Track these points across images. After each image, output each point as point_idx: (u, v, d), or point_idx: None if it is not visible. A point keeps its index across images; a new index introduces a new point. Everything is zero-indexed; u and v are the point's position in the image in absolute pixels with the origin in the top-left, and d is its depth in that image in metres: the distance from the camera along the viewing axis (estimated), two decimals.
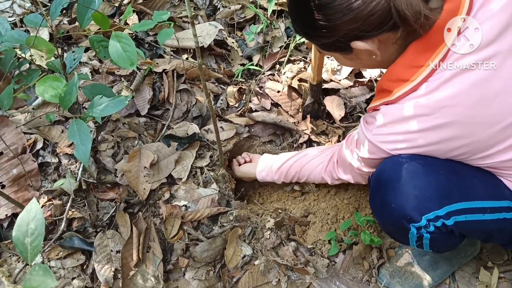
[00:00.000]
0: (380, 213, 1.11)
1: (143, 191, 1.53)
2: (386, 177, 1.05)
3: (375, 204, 1.12)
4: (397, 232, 1.12)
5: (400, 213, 1.00)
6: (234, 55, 2.06)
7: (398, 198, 1.01)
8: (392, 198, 1.02)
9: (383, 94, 1.04)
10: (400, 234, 1.11)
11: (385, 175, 1.05)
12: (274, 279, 1.38)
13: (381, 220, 1.15)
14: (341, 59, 1.10)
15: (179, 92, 1.84)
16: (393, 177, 1.02)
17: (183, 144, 1.67)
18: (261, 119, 1.79)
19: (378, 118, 1.02)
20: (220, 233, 1.49)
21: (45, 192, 1.52)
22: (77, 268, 1.40)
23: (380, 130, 1.02)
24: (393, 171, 1.02)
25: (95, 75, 1.85)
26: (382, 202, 1.06)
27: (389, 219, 1.06)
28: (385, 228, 1.18)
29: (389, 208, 1.03)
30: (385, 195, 1.04)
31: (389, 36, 0.94)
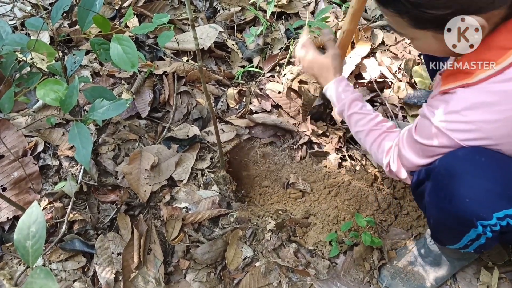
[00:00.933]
0: (443, 208, 1.00)
1: (144, 193, 1.54)
2: (460, 169, 0.94)
3: (437, 197, 1.01)
4: (453, 229, 1.03)
5: (472, 209, 0.92)
6: (234, 57, 2.06)
7: (472, 192, 0.92)
8: (466, 191, 0.92)
9: (460, 76, 0.94)
10: (454, 232, 1.04)
11: (458, 166, 0.94)
12: (275, 281, 1.38)
13: (440, 215, 1.03)
14: (425, 40, 0.97)
15: (180, 94, 1.84)
16: (468, 169, 0.92)
17: (183, 146, 1.68)
18: (261, 121, 1.79)
19: (452, 103, 0.93)
20: (221, 235, 1.49)
21: (46, 195, 1.52)
22: (78, 270, 1.40)
23: (452, 116, 0.93)
24: (468, 163, 0.93)
25: (96, 78, 1.85)
26: (451, 196, 0.95)
27: (454, 214, 0.97)
28: (439, 224, 1.09)
29: (459, 203, 0.93)
30: (457, 188, 0.94)
31: (494, 14, 0.85)
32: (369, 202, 1.50)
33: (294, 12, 2.20)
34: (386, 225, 1.50)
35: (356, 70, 1.98)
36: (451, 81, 0.96)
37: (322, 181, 1.63)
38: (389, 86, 1.96)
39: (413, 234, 1.48)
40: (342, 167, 1.68)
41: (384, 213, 1.50)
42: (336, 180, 1.60)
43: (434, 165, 1.01)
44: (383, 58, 2.03)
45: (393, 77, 1.98)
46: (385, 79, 1.98)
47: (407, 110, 1.87)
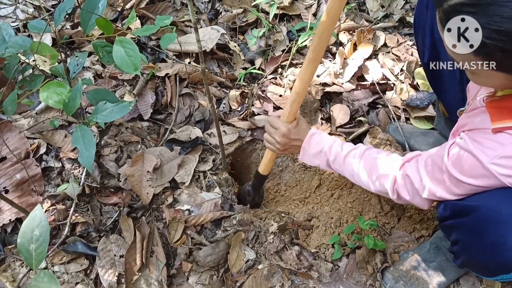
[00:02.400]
0: (484, 252, 0.97)
1: (146, 195, 1.53)
2: (507, 215, 0.90)
3: (478, 240, 0.98)
4: (490, 269, 1.02)
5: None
6: (236, 59, 2.06)
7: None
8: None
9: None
10: (489, 270, 1.02)
11: (505, 212, 0.91)
12: (277, 284, 1.38)
13: (479, 256, 1.01)
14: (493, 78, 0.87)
15: (182, 96, 1.84)
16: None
17: (186, 148, 1.67)
18: (263, 124, 1.79)
19: (510, 148, 0.86)
20: (224, 237, 1.49)
21: (49, 197, 1.52)
22: (81, 272, 1.40)
23: (508, 161, 0.87)
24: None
25: (98, 80, 1.86)
26: (496, 243, 0.92)
27: (496, 259, 0.94)
28: (474, 261, 1.07)
29: (504, 249, 0.91)
30: (504, 236, 0.91)
31: None
32: (372, 205, 1.50)
33: (296, 14, 2.20)
34: (389, 228, 1.49)
35: (359, 72, 1.98)
36: (505, 117, 0.89)
37: (325, 184, 1.62)
38: (391, 88, 1.96)
39: (416, 236, 1.47)
40: None
41: (387, 215, 1.50)
42: (338, 183, 1.59)
43: (475, 205, 0.96)
44: (386, 60, 2.03)
45: (395, 79, 1.97)
46: (388, 81, 1.97)
47: (410, 112, 1.86)
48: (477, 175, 0.92)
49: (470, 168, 0.93)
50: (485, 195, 0.95)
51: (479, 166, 0.90)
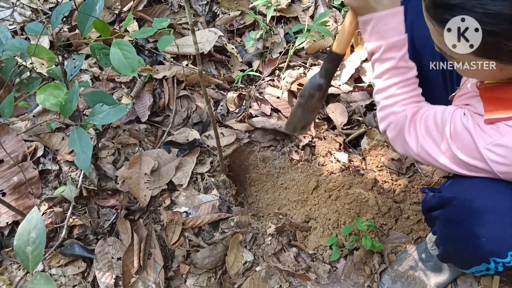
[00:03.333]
0: (457, 242, 1.00)
1: (143, 197, 1.53)
2: (480, 206, 0.93)
3: (452, 230, 1.00)
4: (464, 260, 1.04)
5: (488, 247, 0.92)
6: (233, 61, 2.07)
7: (491, 231, 0.91)
8: (484, 231, 0.92)
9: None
10: (464, 261, 1.04)
11: (479, 203, 0.93)
12: (275, 285, 1.38)
13: (453, 246, 1.03)
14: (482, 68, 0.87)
15: (179, 98, 1.84)
16: (492, 208, 0.92)
17: (183, 150, 1.67)
18: (261, 125, 1.79)
19: (508, 139, 0.87)
20: (221, 239, 1.49)
21: (46, 200, 1.52)
22: (78, 275, 1.39)
23: (503, 150, 0.88)
24: (492, 202, 0.92)
25: (96, 82, 1.86)
26: (469, 232, 0.94)
27: (469, 250, 0.97)
28: (450, 253, 1.09)
29: (476, 240, 0.93)
30: (476, 226, 0.93)
31: None
32: (370, 206, 1.50)
33: (294, 16, 2.21)
34: (387, 229, 1.49)
35: (356, 74, 1.99)
36: (500, 107, 0.90)
37: (322, 185, 1.62)
38: None
39: (414, 238, 1.47)
40: (342, 171, 1.67)
41: (384, 216, 1.50)
42: (336, 184, 1.60)
43: (452, 196, 0.98)
44: None
45: None
46: None
47: None
48: (471, 154, 0.94)
49: (465, 145, 0.94)
50: (463, 187, 0.98)
51: (474, 148, 0.92)
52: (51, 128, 1.64)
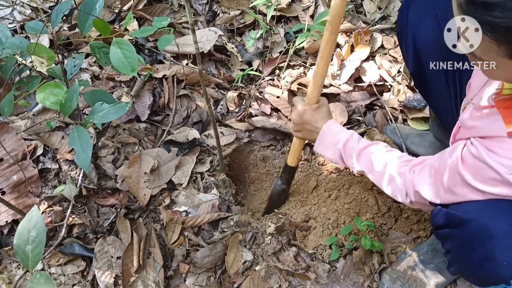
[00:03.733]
0: (474, 265, 0.97)
1: (143, 196, 1.53)
2: (498, 230, 0.90)
3: (467, 253, 0.97)
4: (482, 280, 1.00)
5: (508, 271, 0.90)
6: (233, 61, 2.06)
7: (510, 254, 0.89)
8: (503, 255, 0.89)
9: None
10: (485, 281, 1.00)
11: (497, 226, 0.90)
12: (275, 285, 1.38)
13: (469, 269, 1.00)
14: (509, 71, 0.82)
15: (179, 97, 1.84)
16: (508, 230, 0.89)
17: (183, 149, 1.67)
18: (261, 125, 1.79)
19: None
20: (221, 238, 1.49)
21: (46, 198, 1.52)
22: (78, 274, 1.39)
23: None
24: (508, 223, 0.89)
25: (95, 81, 1.85)
26: (485, 257, 0.92)
27: (487, 272, 0.94)
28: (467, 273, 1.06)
29: (494, 264, 0.90)
30: (494, 251, 0.90)
31: None
32: (369, 206, 1.50)
33: (294, 15, 2.21)
34: (386, 229, 1.49)
35: (356, 73, 1.99)
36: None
37: (322, 185, 1.62)
38: (388, 89, 1.96)
39: (413, 237, 1.47)
40: (342, 170, 1.67)
41: (384, 216, 1.50)
42: (336, 184, 1.59)
43: (467, 218, 0.94)
44: (383, 62, 2.04)
45: (392, 80, 1.98)
46: (385, 82, 1.98)
47: (407, 113, 1.87)
48: (494, 183, 0.88)
49: (485, 176, 0.89)
50: (478, 208, 0.93)
51: (498, 178, 0.86)
52: (50, 127, 1.64)
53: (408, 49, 1.30)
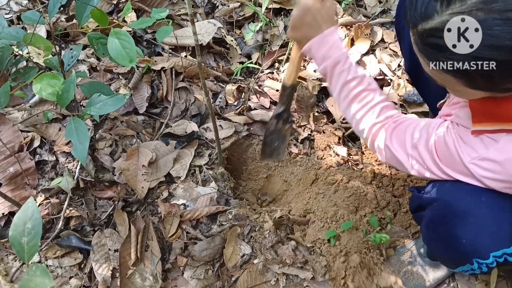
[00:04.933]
0: (440, 242, 1.02)
1: (141, 189, 1.52)
2: (462, 208, 0.94)
3: (434, 231, 1.01)
4: (449, 260, 1.06)
5: (469, 249, 0.93)
6: (233, 53, 2.05)
7: (471, 233, 0.92)
8: (464, 233, 0.93)
9: (499, 117, 0.85)
10: (449, 261, 1.05)
11: (461, 205, 0.94)
12: (272, 279, 1.38)
13: (436, 247, 1.05)
14: (471, 93, 0.86)
15: (178, 90, 1.83)
16: (471, 211, 0.93)
17: (181, 142, 1.66)
18: (260, 118, 1.78)
19: (493, 151, 0.86)
20: (219, 232, 1.48)
21: (43, 191, 1.51)
22: (75, 267, 1.39)
23: (491, 165, 0.87)
24: (471, 204, 0.93)
25: (93, 73, 1.84)
26: (450, 234, 0.96)
27: (451, 251, 0.98)
28: (435, 253, 1.11)
29: (456, 242, 0.94)
30: (456, 228, 0.94)
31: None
32: (368, 200, 1.49)
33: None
34: (385, 223, 1.49)
35: None
36: (487, 119, 0.87)
37: (321, 179, 1.62)
38: (388, 83, 1.95)
39: (412, 232, 1.47)
40: (341, 164, 1.67)
41: (383, 211, 1.50)
42: (335, 178, 1.59)
43: (435, 197, 0.99)
44: (383, 56, 2.02)
45: (392, 74, 1.97)
46: (385, 76, 1.97)
47: (407, 107, 1.86)
48: (458, 171, 0.93)
49: (453, 163, 0.93)
50: (444, 189, 0.98)
51: (460, 164, 0.91)
52: (47, 118, 1.62)
53: (405, 46, 1.29)
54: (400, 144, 1.04)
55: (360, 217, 1.47)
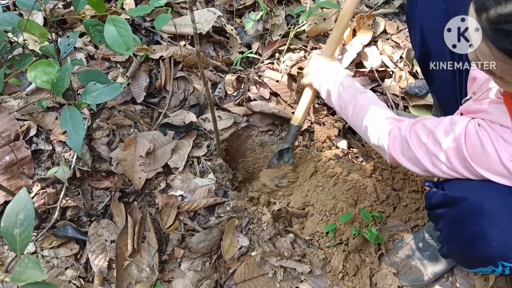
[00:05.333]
0: (465, 243, 0.96)
1: (138, 180, 1.51)
2: (491, 209, 0.89)
3: (459, 231, 0.97)
4: (469, 260, 1.00)
5: (498, 251, 0.89)
6: (232, 43, 2.02)
7: (503, 235, 0.88)
8: (494, 234, 0.88)
9: None
10: (469, 262, 1.00)
11: (490, 205, 0.89)
12: (270, 271, 1.37)
13: (459, 247, 1.00)
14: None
15: (176, 79, 1.80)
16: (500, 210, 0.88)
17: (179, 133, 1.64)
18: (259, 109, 1.75)
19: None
20: (217, 223, 1.47)
21: (39, 180, 1.49)
22: (71, 257, 1.37)
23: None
24: (503, 204, 0.88)
25: (90, 61, 1.81)
26: (477, 236, 0.91)
27: (476, 251, 0.93)
28: (458, 253, 1.05)
29: (485, 243, 0.90)
30: (486, 229, 0.89)
31: None
32: (368, 193, 1.48)
33: None
34: (385, 217, 1.47)
35: (357, 58, 1.94)
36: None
37: (320, 171, 1.60)
38: (390, 75, 1.93)
39: (411, 226, 1.46)
40: (341, 157, 1.65)
41: (382, 204, 1.48)
42: (334, 170, 1.57)
43: (462, 197, 0.94)
44: (385, 47, 1.99)
45: (394, 66, 1.94)
46: (386, 68, 1.94)
47: (408, 100, 1.84)
48: (494, 171, 0.89)
49: (488, 162, 0.89)
50: (473, 188, 0.94)
51: (498, 163, 0.87)
52: (42, 107, 1.60)
53: (415, 35, 1.26)
54: (418, 140, 1.01)
55: (359, 210, 1.45)
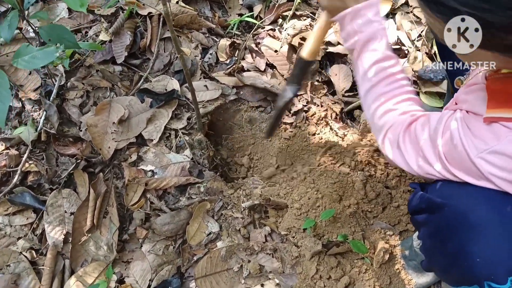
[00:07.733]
0: (445, 258, 0.86)
1: (107, 149, 1.39)
2: (480, 222, 0.78)
3: (441, 243, 0.86)
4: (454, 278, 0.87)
5: (482, 270, 0.77)
6: (232, 3, 1.81)
7: (488, 252, 0.77)
8: (479, 250, 0.77)
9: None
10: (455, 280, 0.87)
11: (476, 216, 0.78)
12: (235, 265, 1.25)
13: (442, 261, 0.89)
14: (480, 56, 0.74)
15: (163, 40, 1.63)
16: (491, 225, 0.77)
17: (159, 101, 1.49)
18: (251, 82, 1.58)
19: (505, 144, 0.72)
20: (187, 205, 1.35)
21: (3, 140, 1.39)
22: (26, 227, 1.29)
23: (499, 159, 0.73)
24: (492, 216, 0.77)
25: (73, 13, 1.65)
26: (460, 250, 0.80)
27: (458, 268, 0.82)
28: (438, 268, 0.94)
29: (467, 260, 0.78)
30: (469, 243, 0.78)
31: None
32: (355, 190, 1.31)
33: None
34: (371, 217, 1.32)
35: None
36: (505, 104, 0.74)
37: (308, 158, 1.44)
38: (404, 55, 1.70)
39: (400, 230, 1.30)
40: (334, 145, 1.48)
41: (370, 203, 1.32)
42: (324, 159, 1.41)
43: (442, 202, 0.82)
44: (403, 22, 1.75)
45: (411, 45, 1.71)
46: (402, 46, 1.72)
47: (420, 85, 1.62)
48: (465, 170, 0.78)
49: (458, 159, 0.78)
50: (455, 193, 0.82)
51: (467, 159, 0.76)
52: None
53: None
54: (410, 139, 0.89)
55: (343, 207, 1.30)
